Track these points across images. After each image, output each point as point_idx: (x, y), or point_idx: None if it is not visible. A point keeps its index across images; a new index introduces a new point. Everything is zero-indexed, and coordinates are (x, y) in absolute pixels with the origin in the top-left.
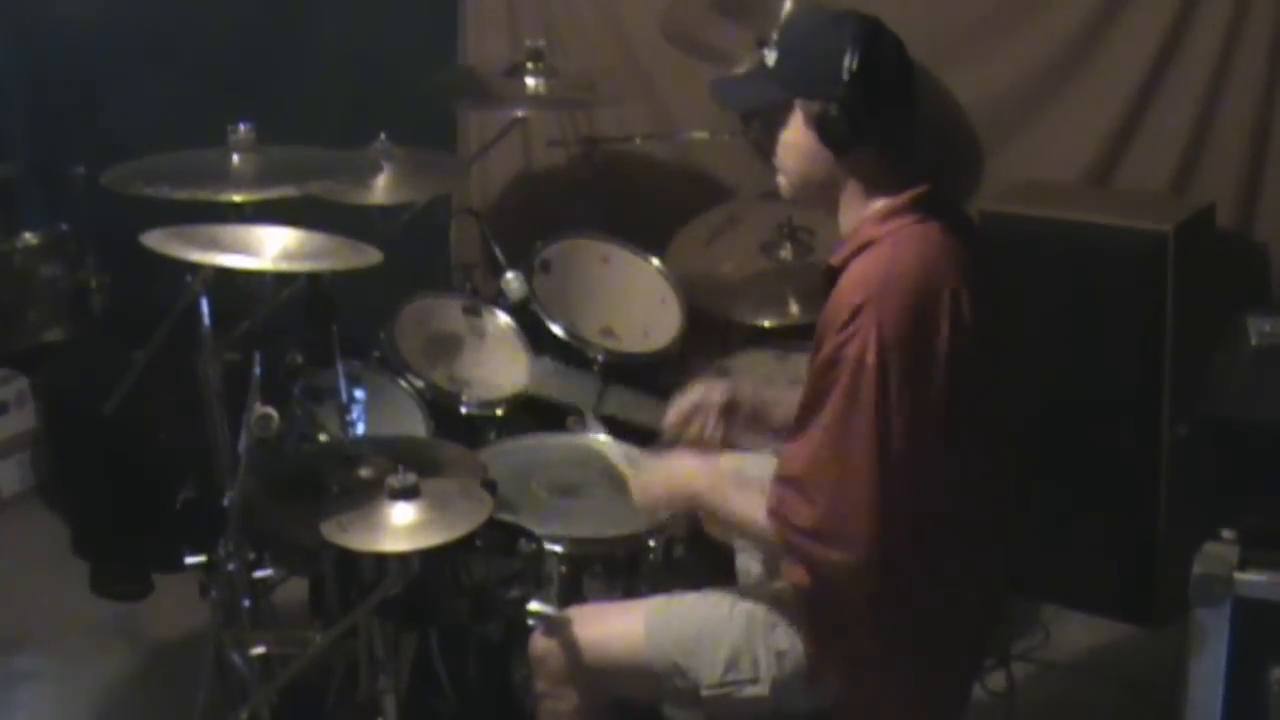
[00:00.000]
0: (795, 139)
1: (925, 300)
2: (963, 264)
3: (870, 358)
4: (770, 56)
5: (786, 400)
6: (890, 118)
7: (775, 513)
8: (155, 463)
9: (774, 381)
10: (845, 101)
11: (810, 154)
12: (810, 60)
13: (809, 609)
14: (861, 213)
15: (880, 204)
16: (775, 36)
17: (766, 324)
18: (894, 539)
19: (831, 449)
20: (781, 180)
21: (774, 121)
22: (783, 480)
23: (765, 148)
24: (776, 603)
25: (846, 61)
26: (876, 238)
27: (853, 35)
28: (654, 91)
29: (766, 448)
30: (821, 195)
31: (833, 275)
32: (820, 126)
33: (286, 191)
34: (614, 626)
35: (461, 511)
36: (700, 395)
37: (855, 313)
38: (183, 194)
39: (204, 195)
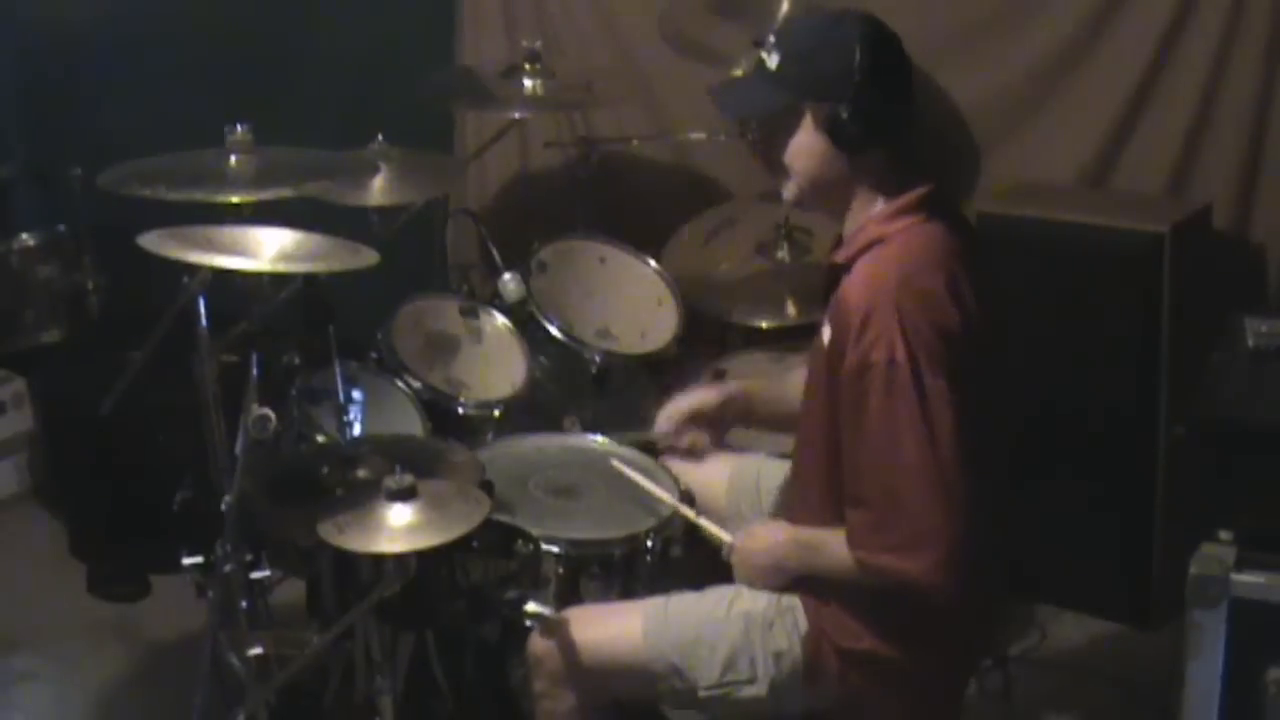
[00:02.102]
0: (807, 143)
1: (939, 298)
2: (967, 264)
3: (900, 354)
4: (771, 60)
5: (775, 393)
6: (898, 115)
7: (853, 542)
8: (152, 464)
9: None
10: (857, 102)
11: (823, 157)
12: (818, 62)
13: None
14: (868, 212)
15: (887, 203)
16: (772, 39)
17: (764, 325)
18: (963, 532)
19: (882, 455)
20: (789, 185)
21: (774, 126)
22: (848, 506)
23: (761, 151)
24: (774, 603)
25: (856, 61)
26: (884, 236)
27: (859, 35)
28: (651, 93)
29: (760, 442)
30: (832, 198)
31: (836, 273)
32: (832, 128)
33: (282, 193)
34: (612, 627)
35: (458, 512)
36: (692, 402)
37: (871, 316)
38: (179, 195)
39: (201, 197)
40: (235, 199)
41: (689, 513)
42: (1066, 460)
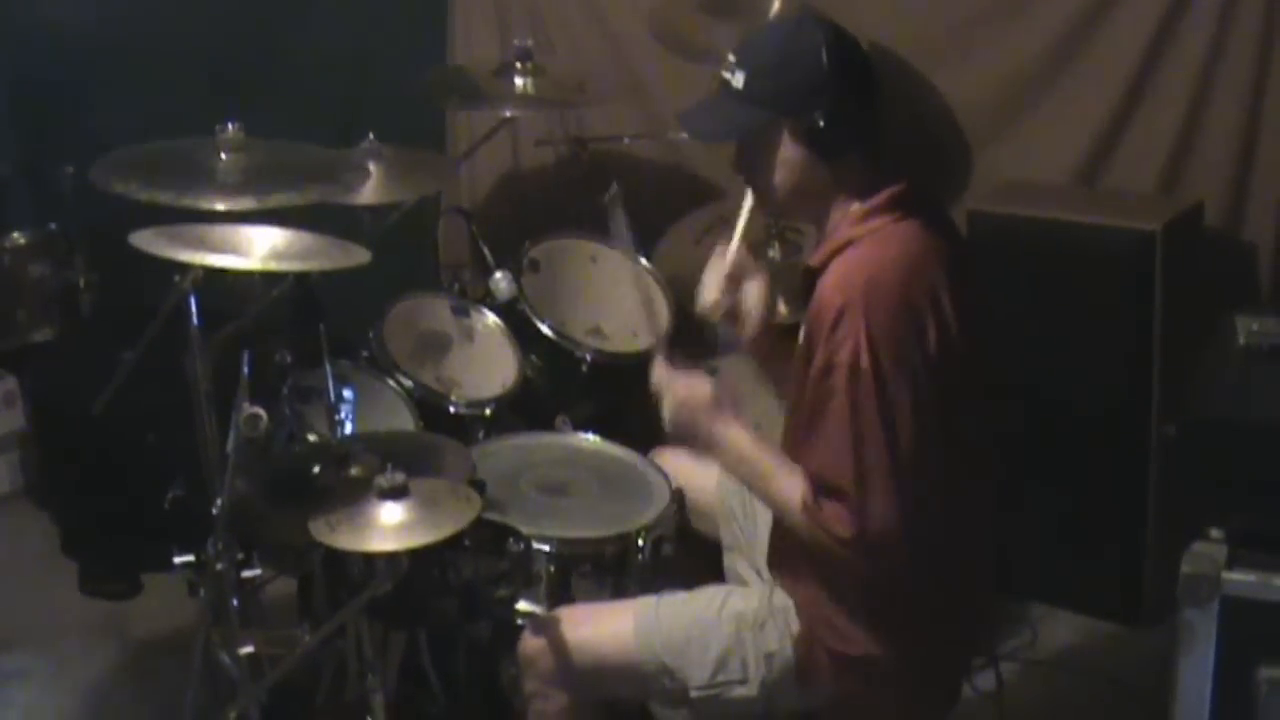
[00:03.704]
0: (787, 156)
1: (910, 298)
2: (944, 261)
3: (864, 361)
4: (737, 79)
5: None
6: (870, 116)
7: (812, 514)
8: (144, 462)
9: (762, 383)
10: (832, 108)
11: (804, 167)
12: (787, 74)
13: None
14: (844, 214)
15: (859, 204)
16: (733, 58)
17: None
18: (919, 539)
19: (846, 459)
20: (771, 197)
21: (751, 143)
22: (816, 484)
23: (739, 168)
24: (766, 604)
25: (823, 69)
26: (856, 237)
27: (822, 42)
28: (642, 91)
29: None
30: (812, 206)
31: (812, 276)
32: (811, 138)
33: (272, 202)
34: (603, 627)
35: (450, 511)
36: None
37: (840, 316)
38: (169, 198)
39: (189, 202)
40: (226, 207)
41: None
42: (1058, 458)
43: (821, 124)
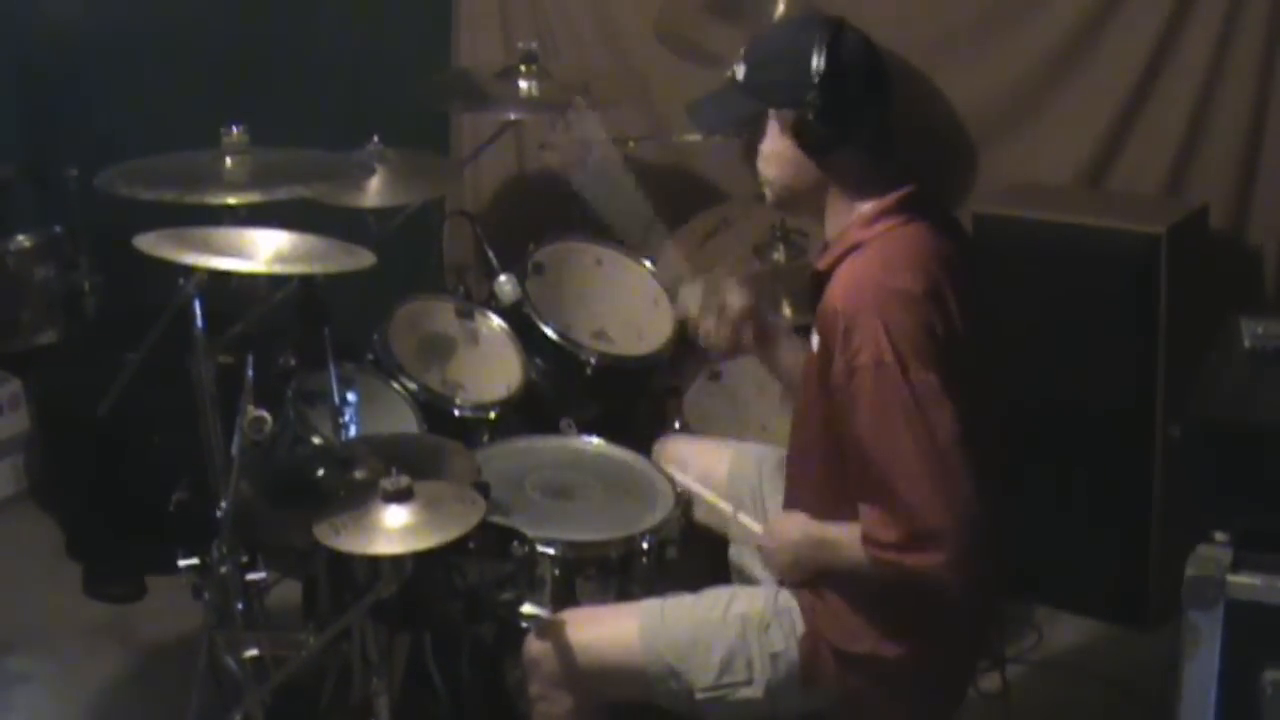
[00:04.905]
0: (774, 149)
1: (919, 300)
2: (951, 265)
3: (887, 356)
4: (739, 72)
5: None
6: (866, 117)
7: (865, 539)
8: (148, 465)
9: (767, 386)
10: (818, 105)
11: (791, 162)
12: (778, 68)
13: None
14: (848, 216)
15: (867, 206)
16: (742, 51)
17: None
18: (968, 524)
19: (880, 454)
20: (767, 191)
21: (752, 135)
22: (859, 504)
23: (751, 160)
24: (771, 605)
25: (814, 64)
26: (864, 240)
27: (818, 38)
28: (647, 94)
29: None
30: (807, 202)
31: (820, 279)
32: (797, 133)
33: (277, 195)
34: (608, 629)
35: (454, 514)
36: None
37: (853, 321)
38: (175, 197)
39: (195, 199)
40: (231, 200)
41: (726, 506)
42: (1063, 461)
43: (809, 118)
